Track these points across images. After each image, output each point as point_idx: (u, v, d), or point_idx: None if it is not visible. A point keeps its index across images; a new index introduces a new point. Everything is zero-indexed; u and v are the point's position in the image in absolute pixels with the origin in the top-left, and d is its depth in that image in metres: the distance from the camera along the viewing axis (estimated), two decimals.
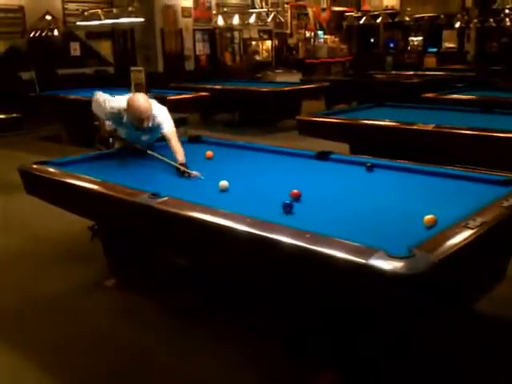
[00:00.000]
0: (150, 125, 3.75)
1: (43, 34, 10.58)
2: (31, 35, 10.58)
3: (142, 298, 3.53)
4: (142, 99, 3.68)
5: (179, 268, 3.70)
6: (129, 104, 3.67)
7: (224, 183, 2.99)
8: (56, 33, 10.69)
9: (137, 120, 3.65)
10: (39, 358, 2.99)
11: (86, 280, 3.84)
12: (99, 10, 9.93)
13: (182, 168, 3.40)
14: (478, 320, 3.07)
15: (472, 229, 2.15)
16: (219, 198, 2.83)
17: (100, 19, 9.75)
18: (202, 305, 3.37)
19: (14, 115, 6.58)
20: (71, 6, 11.19)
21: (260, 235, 2.25)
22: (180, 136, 3.97)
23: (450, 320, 2.75)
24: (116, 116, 3.86)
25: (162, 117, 3.82)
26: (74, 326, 3.28)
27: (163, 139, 3.86)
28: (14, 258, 4.30)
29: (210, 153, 3.91)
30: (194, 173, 3.36)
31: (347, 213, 2.61)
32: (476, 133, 4.44)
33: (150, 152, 3.72)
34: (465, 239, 2.08)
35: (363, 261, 1.88)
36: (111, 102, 3.89)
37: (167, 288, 3.64)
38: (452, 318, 2.77)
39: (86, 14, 10.26)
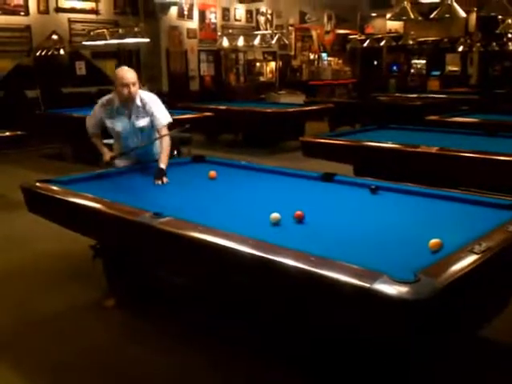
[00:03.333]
0: (140, 104, 4.04)
1: (49, 52, 10.67)
2: (37, 54, 10.67)
3: (141, 318, 3.49)
4: (125, 67, 4.09)
5: (180, 288, 3.67)
6: (115, 75, 4.05)
7: (275, 215, 2.72)
8: (62, 52, 10.78)
9: (121, 86, 3.94)
10: (36, 376, 2.95)
11: (86, 299, 3.81)
12: (105, 30, 10.01)
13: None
14: (480, 347, 3.02)
15: (477, 254, 2.13)
16: (221, 219, 2.81)
17: (106, 39, 9.82)
18: (203, 325, 3.33)
19: (19, 133, 6.57)
20: (77, 26, 11.31)
21: (263, 257, 2.22)
22: (184, 155, 4.01)
23: (453, 347, 2.70)
24: (105, 107, 4.14)
25: (154, 108, 4.08)
26: (72, 344, 3.24)
27: None
28: (15, 275, 4.27)
29: (213, 173, 3.90)
30: (165, 179, 3.69)
31: (351, 235, 2.59)
32: (480, 156, 4.43)
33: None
34: (470, 264, 2.05)
35: (367, 285, 1.86)
36: (98, 103, 4.23)
37: (167, 308, 3.61)
38: (455, 345, 2.72)
39: (92, 33, 10.36)
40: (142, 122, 4.11)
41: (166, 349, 3.15)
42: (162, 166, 3.81)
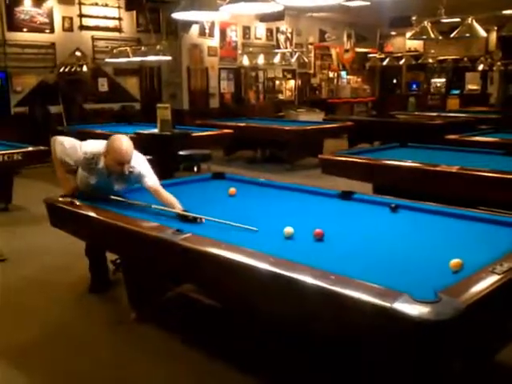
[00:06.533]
0: (127, 172, 3.51)
1: (72, 69, 10.87)
2: (61, 70, 10.87)
3: (161, 333, 3.51)
4: (124, 141, 3.48)
5: (199, 304, 3.69)
6: (110, 145, 3.48)
7: (289, 230, 2.82)
8: (85, 68, 10.96)
9: (117, 163, 3.45)
10: None
11: (106, 313, 3.84)
12: (128, 48, 10.18)
13: (192, 215, 3.17)
14: (497, 370, 2.97)
15: (499, 274, 2.12)
16: (241, 236, 2.83)
17: (128, 56, 9.97)
18: (223, 341, 3.34)
19: (41, 148, 6.68)
20: (101, 43, 11.51)
21: (283, 274, 2.24)
22: (203, 171, 3.99)
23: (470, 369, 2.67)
24: (88, 162, 3.63)
25: (144, 169, 3.57)
26: (88, 357, 3.27)
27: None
28: (37, 288, 4.32)
29: (233, 190, 3.94)
30: (202, 218, 3.15)
31: (371, 254, 2.59)
32: (500, 175, 4.41)
33: (154, 206, 3.38)
34: (491, 285, 2.05)
35: (388, 304, 1.86)
36: (84, 146, 3.68)
37: (188, 323, 3.62)
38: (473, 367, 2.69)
39: (114, 51, 10.53)
40: (124, 186, 3.72)
41: (185, 364, 3.14)
42: (179, 206, 3.31)
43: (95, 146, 3.68)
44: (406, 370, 2.15)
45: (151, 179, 3.56)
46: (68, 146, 3.73)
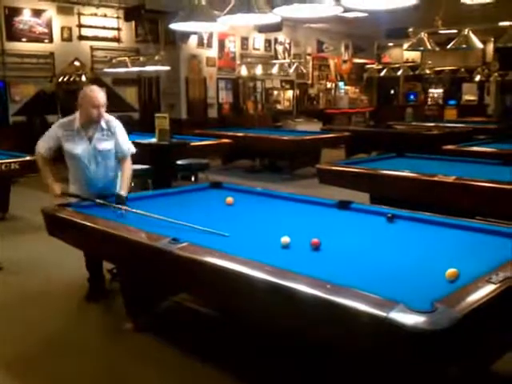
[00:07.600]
0: (105, 126, 3.87)
1: (71, 79, 10.91)
2: (59, 80, 10.91)
3: (159, 342, 3.49)
4: (95, 87, 3.87)
5: (196, 312, 3.68)
6: (82, 94, 3.81)
7: (285, 239, 2.83)
8: (83, 78, 11.00)
9: (92, 106, 3.75)
10: None
11: (103, 322, 3.83)
12: (126, 58, 10.22)
13: (113, 205, 3.57)
14: (494, 377, 2.96)
15: (495, 283, 2.12)
16: (238, 245, 2.83)
17: (127, 66, 10.01)
18: (219, 350, 3.33)
19: None
20: (99, 53, 11.57)
21: (279, 283, 2.24)
22: (201, 181, 4.00)
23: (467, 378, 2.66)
24: (65, 129, 3.91)
25: (122, 133, 3.98)
26: (90, 366, 3.25)
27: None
28: (34, 298, 4.30)
29: (230, 199, 3.94)
30: (123, 207, 3.52)
31: (367, 264, 2.59)
32: (497, 185, 4.42)
33: (98, 201, 3.72)
34: (487, 294, 2.05)
35: (384, 314, 1.86)
36: (56, 123, 4.05)
37: (185, 332, 3.61)
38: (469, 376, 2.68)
39: (113, 61, 10.58)
40: (106, 145, 3.92)
41: (181, 377, 3.12)
42: (123, 192, 3.69)
43: (65, 118, 4.01)
44: (402, 379, 2.15)
45: (125, 148, 3.97)
46: (45, 135, 4.06)
